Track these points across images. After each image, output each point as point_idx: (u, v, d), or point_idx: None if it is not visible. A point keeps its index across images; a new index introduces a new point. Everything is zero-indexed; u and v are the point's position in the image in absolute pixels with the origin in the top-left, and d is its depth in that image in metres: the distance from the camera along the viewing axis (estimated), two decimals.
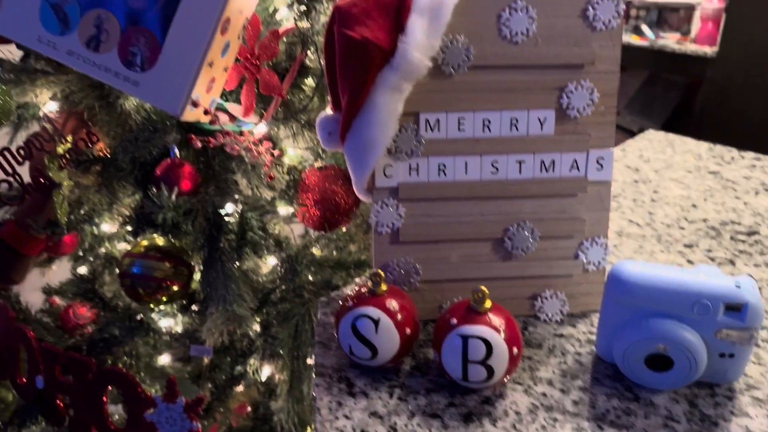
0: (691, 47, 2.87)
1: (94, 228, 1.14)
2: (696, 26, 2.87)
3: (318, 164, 1.13)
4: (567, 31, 0.71)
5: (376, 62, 0.67)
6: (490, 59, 0.71)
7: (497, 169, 0.73)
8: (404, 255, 0.76)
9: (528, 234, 0.75)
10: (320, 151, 1.13)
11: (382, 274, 0.67)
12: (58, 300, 1.43)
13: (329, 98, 0.76)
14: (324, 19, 1.06)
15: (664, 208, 1.08)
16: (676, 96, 3.37)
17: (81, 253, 1.33)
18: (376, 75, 0.68)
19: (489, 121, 0.72)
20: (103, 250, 1.28)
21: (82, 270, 1.33)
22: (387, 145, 0.70)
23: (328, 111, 0.78)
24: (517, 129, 0.73)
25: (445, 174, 0.73)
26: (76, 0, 0.91)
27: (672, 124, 3.30)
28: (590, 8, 0.70)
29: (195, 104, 0.94)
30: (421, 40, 0.67)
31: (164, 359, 1.18)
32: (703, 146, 1.38)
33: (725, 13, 2.81)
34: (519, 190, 0.74)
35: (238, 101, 1.13)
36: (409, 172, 0.73)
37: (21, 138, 1.10)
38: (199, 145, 0.95)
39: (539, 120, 0.73)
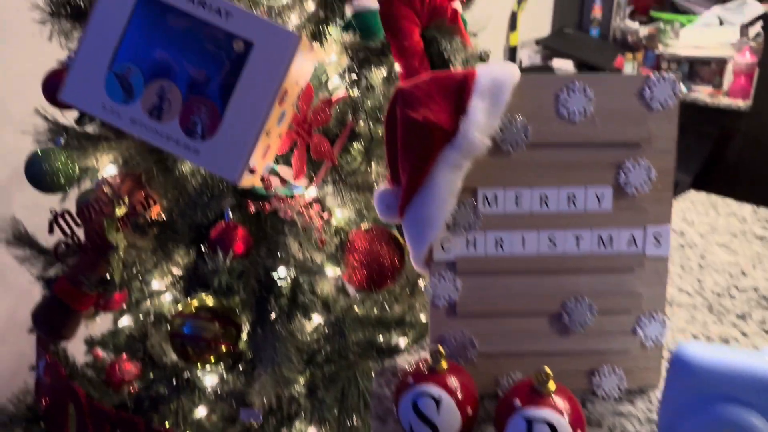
0: (723, 100, 2.87)
1: (144, 285, 1.16)
2: (728, 79, 2.88)
3: (364, 226, 1.15)
4: (624, 110, 0.72)
5: (437, 142, 0.69)
6: (548, 137, 0.72)
7: (554, 243, 0.74)
8: (461, 328, 0.76)
9: (585, 309, 0.75)
10: (366, 213, 1.15)
11: (443, 350, 0.68)
12: (101, 352, 1.45)
13: (387, 172, 0.78)
14: (376, 81, 1.09)
15: (713, 275, 1.07)
16: (708, 147, 3.36)
17: (125, 306, 1.36)
18: (437, 154, 0.70)
19: (546, 197, 0.73)
20: (148, 303, 1.30)
21: (126, 323, 1.35)
22: (446, 220, 0.72)
23: (386, 185, 0.80)
24: (574, 205, 0.74)
25: (502, 248, 0.74)
26: (140, 70, 0.95)
27: (704, 176, 3.28)
28: (647, 89, 0.72)
29: (252, 171, 0.97)
30: (481, 121, 0.69)
31: (210, 418, 1.19)
32: (746, 209, 1.37)
33: (758, 67, 2.82)
34: (576, 265, 0.75)
35: (288, 163, 1.16)
36: (466, 246, 0.74)
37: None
38: (254, 210, 0.97)
39: (597, 196, 0.74)
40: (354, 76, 1.09)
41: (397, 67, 1.12)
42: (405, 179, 0.72)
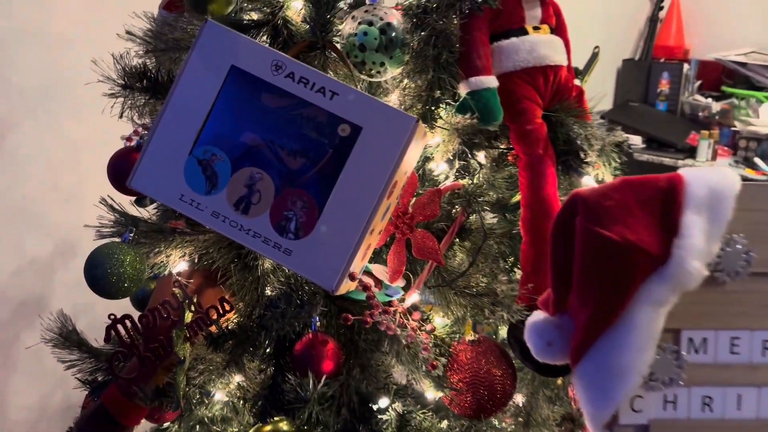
0: None
1: (204, 397, 0.99)
2: None
3: (470, 337, 0.97)
4: None
5: (640, 270, 0.52)
6: None
7: None
8: None
9: None
10: (474, 322, 0.97)
11: None
12: None
13: (550, 296, 0.61)
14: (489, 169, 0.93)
15: None
16: None
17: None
18: (638, 285, 0.53)
19: None
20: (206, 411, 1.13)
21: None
22: (643, 372, 0.54)
23: (543, 312, 0.62)
24: None
25: (711, 409, 0.56)
26: (227, 156, 0.81)
27: None
28: None
29: (352, 277, 0.80)
30: (699, 244, 0.52)
31: None
32: None
33: None
34: None
35: (378, 259, 1.00)
36: (663, 406, 0.56)
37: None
38: (351, 321, 0.80)
39: None
40: (464, 162, 0.93)
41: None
42: (587, 313, 0.55)
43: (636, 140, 2.79)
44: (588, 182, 0.94)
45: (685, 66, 3.00)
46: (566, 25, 1.00)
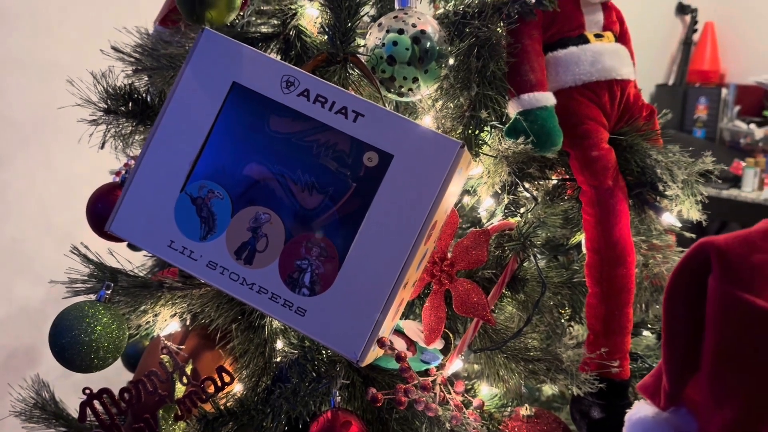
0: None
1: None
2: None
3: (524, 411, 0.79)
4: None
5: None
6: None
7: None
8: None
9: None
10: (525, 391, 0.80)
11: None
12: None
13: (665, 383, 0.44)
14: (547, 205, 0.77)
15: None
16: None
17: None
18: None
19: None
20: None
21: None
22: None
23: (650, 402, 0.45)
24: None
25: None
26: (226, 193, 0.66)
27: None
28: None
29: (381, 343, 0.64)
30: None
31: None
32: None
33: None
34: None
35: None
36: None
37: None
38: (381, 402, 0.63)
39: None
40: (514, 196, 0.77)
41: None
42: (730, 414, 0.38)
43: None
44: (669, 220, 0.77)
45: (723, 90, 2.84)
46: (629, 34, 0.85)
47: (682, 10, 2.97)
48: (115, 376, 0.94)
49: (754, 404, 0.37)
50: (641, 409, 0.45)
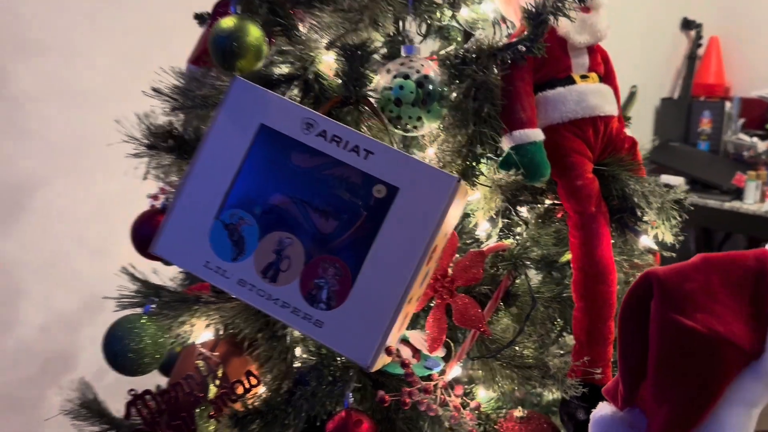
0: None
1: None
2: None
3: (518, 413, 0.88)
4: None
5: (729, 366, 0.45)
6: None
7: None
8: None
9: None
10: (519, 395, 0.89)
11: None
12: None
13: (620, 388, 0.53)
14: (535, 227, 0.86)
15: None
16: None
17: None
18: (727, 383, 0.45)
19: None
20: None
21: None
22: None
23: (610, 405, 0.54)
24: None
25: None
26: (255, 220, 0.76)
27: None
28: None
29: (389, 352, 0.74)
30: None
31: None
32: None
33: None
34: None
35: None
36: None
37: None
38: (389, 402, 0.73)
39: None
40: (507, 220, 0.86)
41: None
42: (666, 413, 0.47)
43: (678, 181, 2.69)
44: (646, 242, 0.86)
45: (727, 104, 2.90)
46: (615, 72, 0.94)
47: (687, 25, 3.03)
48: (142, 378, 1.03)
49: (684, 406, 0.46)
50: (603, 409, 0.54)
